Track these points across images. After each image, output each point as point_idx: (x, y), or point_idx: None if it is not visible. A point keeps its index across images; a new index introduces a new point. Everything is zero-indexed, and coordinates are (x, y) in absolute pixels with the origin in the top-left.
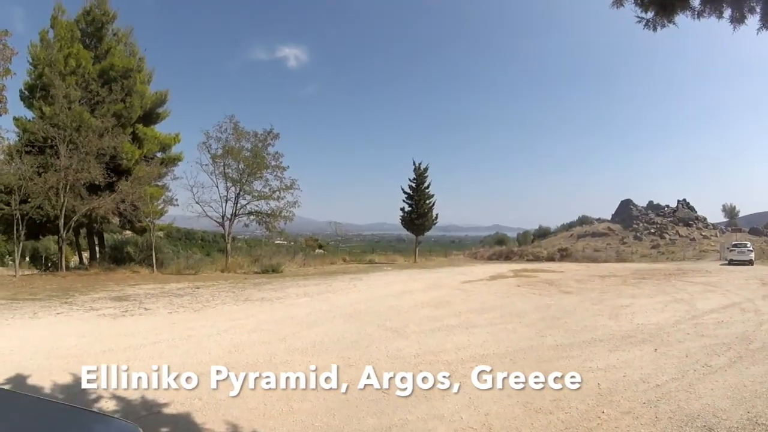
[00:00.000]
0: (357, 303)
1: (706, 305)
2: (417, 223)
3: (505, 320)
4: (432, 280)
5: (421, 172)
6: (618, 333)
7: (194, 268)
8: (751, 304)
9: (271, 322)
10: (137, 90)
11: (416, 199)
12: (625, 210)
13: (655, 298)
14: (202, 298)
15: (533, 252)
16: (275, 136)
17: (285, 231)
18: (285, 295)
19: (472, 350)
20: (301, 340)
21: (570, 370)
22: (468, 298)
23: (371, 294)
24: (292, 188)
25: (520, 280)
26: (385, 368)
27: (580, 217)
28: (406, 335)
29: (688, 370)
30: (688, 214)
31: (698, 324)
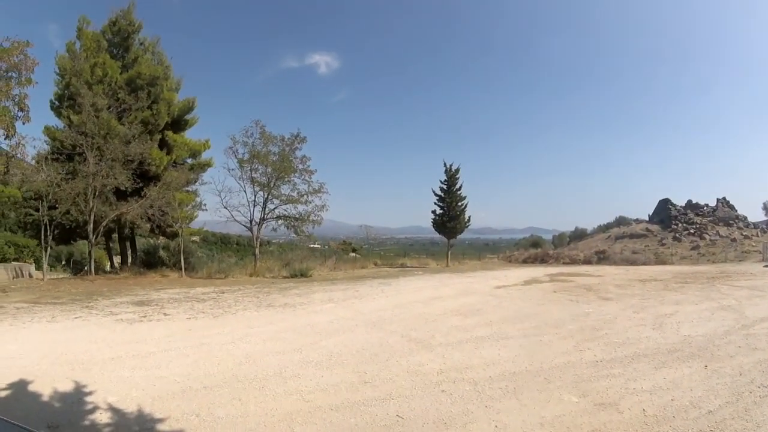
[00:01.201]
0: (382, 310)
1: (756, 313)
2: (449, 226)
3: (540, 331)
4: (464, 285)
5: (452, 174)
6: (663, 346)
7: (224, 272)
8: None
9: (290, 330)
10: (164, 97)
11: (448, 202)
12: (663, 210)
13: (701, 304)
14: (224, 303)
15: (569, 255)
16: (302, 139)
17: (313, 235)
18: (309, 301)
19: (502, 366)
20: (318, 351)
21: (612, 391)
22: (500, 305)
23: (399, 300)
24: (320, 192)
25: (556, 285)
26: (404, 386)
27: (617, 217)
28: (431, 347)
29: (743, 391)
30: (729, 213)
31: (749, 335)
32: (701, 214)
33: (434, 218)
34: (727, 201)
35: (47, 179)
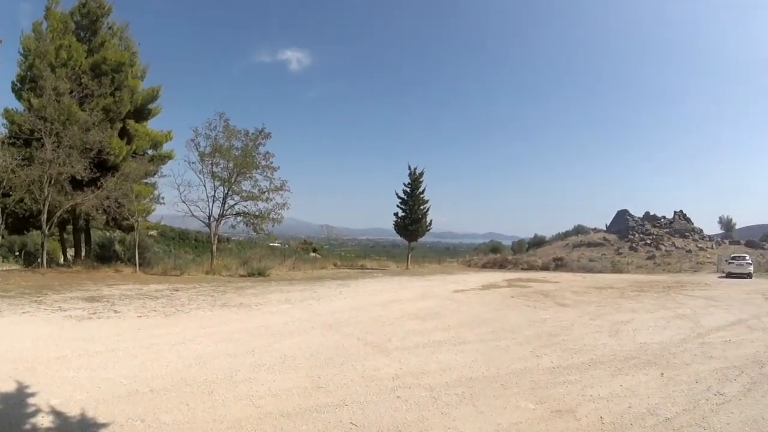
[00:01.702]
0: (340, 312)
1: (711, 322)
2: (410, 229)
3: (498, 336)
4: (423, 288)
5: (416, 177)
6: (620, 353)
7: (180, 269)
8: (758, 321)
9: (244, 331)
10: (128, 84)
11: (410, 204)
12: (621, 220)
13: (656, 313)
14: (177, 301)
15: (528, 261)
16: (266, 135)
17: (273, 233)
18: (265, 302)
19: (459, 372)
20: (271, 354)
21: (569, 398)
22: (458, 309)
23: (356, 302)
24: (281, 189)
25: (514, 290)
26: (358, 392)
27: (576, 226)
28: (387, 351)
29: (699, 399)
30: (685, 225)
31: (705, 343)
32: (658, 226)
33: (396, 220)
34: (684, 214)
35: (2, 164)
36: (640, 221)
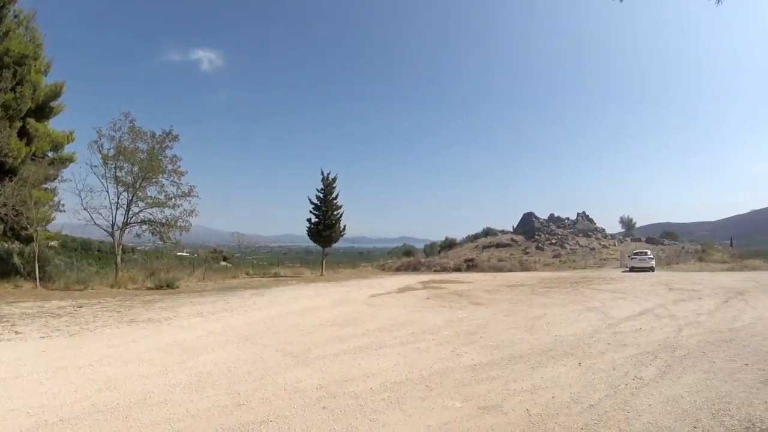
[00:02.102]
0: (255, 323)
1: (620, 313)
2: (324, 235)
3: (417, 338)
4: (339, 294)
5: (329, 183)
6: (537, 347)
7: (84, 282)
8: (665, 310)
9: (155, 349)
10: (30, 79)
11: (324, 210)
12: (527, 222)
13: (568, 307)
14: (82, 319)
15: (440, 263)
16: (174, 137)
17: (181, 242)
18: (175, 315)
19: (383, 377)
20: (186, 371)
21: (494, 394)
22: (377, 313)
23: (272, 312)
24: (189, 195)
25: (429, 292)
26: (282, 406)
27: (485, 228)
28: (308, 361)
29: (619, 384)
30: (588, 225)
31: (617, 333)
32: (562, 226)
33: (309, 227)
34: (587, 215)
35: None
36: (546, 222)
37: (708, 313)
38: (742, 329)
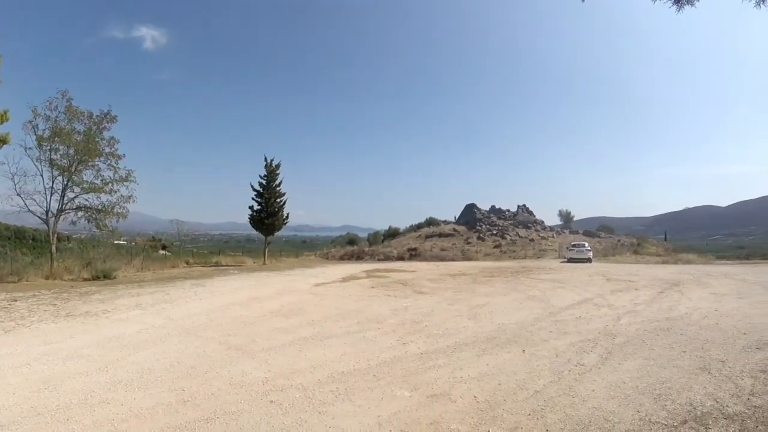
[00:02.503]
0: (197, 315)
1: (561, 302)
2: (267, 223)
3: (363, 327)
4: (283, 283)
5: (272, 169)
6: (481, 335)
7: (18, 273)
8: (603, 300)
9: (94, 344)
10: None
11: (266, 197)
12: (469, 213)
13: (509, 296)
14: (17, 313)
15: (384, 252)
16: (112, 118)
17: (118, 230)
18: (114, 308)
19: (330, 367)
20: (128, 368)
21: (441, 382)
22: (321, 303)
23: (214, 303)
24: (127, 180)
25: (373, 281)
26: (229, 401)
27: (428, 218)
28: (253, 354)
29: (562, 371)
30: (528, 217)
31: (558, 321)
32: (503, 218)
33: (251, 214)
34: (527, 207)
35: None
36: (487, 214)
37: (645, 303)
38: (679, 319)
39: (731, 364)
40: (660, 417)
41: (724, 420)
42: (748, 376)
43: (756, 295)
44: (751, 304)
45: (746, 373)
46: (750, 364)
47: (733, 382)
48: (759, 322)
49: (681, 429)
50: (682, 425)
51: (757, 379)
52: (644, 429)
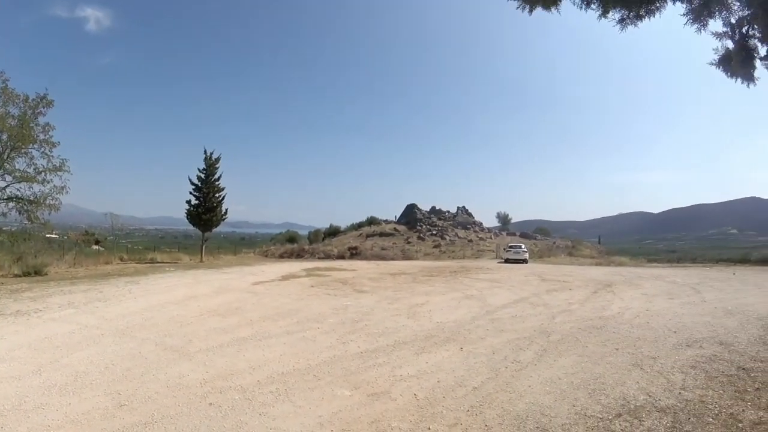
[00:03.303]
0: (132, 314)
1: (497, 301)
2: (204, 218)
3: (303, 327)
4: (220, 282)
5: (212, 163)
6: (420, 333)
7: None
8: (538, 299)
9: (25, 346)
10: None
11: (205, 192)
12: (410, 213)
13: (448, 295)
14: None
15: (324, 250)
16: (48, 103)
17: (50, 222)
18: (45, 307)
19: (270, 368)
20: (61, 371)
21: (381, 380)
22: (260, 302)
23: (149, 302)
24: (61, 170)
25: (313, 279)
26: (166, 405)
27: (369, 217)
28: (190, 355)
29: (499, 368)
30: (467, 219)
31: (495, 319)
32: (443, 219)
33: (189, 209)
34: (466, 209)
35: None
36: (428, 214)
37: (579, 303)
38: (611, 318)
39: (662, 360)
40: (595, 411)
41: (657, 413)
42: (679, 372)
43: (685, 296)
44: (680, 305)
45: (677, 369)
46: (680, 360)
47: (664, 378)
48: (688, 321)
49: (615, 422)
50: (617, 418)
51: (687, 375)
52: (579, 423)
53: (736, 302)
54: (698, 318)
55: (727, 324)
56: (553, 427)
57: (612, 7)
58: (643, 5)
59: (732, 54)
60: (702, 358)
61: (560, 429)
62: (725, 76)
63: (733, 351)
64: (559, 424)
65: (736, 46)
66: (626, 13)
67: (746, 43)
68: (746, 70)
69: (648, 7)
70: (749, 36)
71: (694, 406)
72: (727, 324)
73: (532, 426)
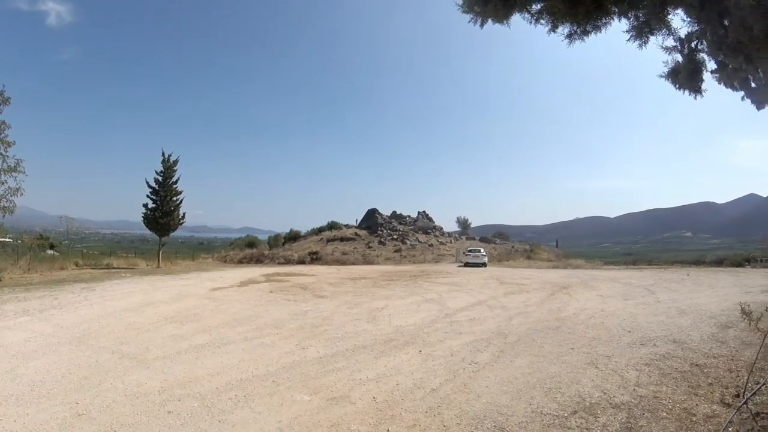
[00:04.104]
0: (88, 322)
1: (456, 304)
2: (161, 222)
3: (262, 333)
4: (178, 288)
5: (169, 165)
6: (380, 337)
7: None
8: (496, 302)
9: None
10: None
11: (162, 195)
12: (371, 218)
13: (407, 299)
14: None
15: (284, 255)
16: (5, 100)
17: (4, 225)
18: None
19: (229, 375)
20: (17, 380)
21: (341, 384)
22: (218, 308)
23: (106, 309)
24: (15, 171)
25: (273, 285)
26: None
27: (329, 222)
28: (147, 363)
29: (457, 369)
30: (427, 223)
31: (453, 322)
32: (404, 223)
33: (146, 213)
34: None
35: None
36: (388, 219)
37: (536, 305)
38: (567, 319)
39: (617, 359)
40: (551, 409)
41: (612, 409)
42: (633, 369)
43: (639, 297)
44: (635, 305)
45: (631, 367)
46: (635, 358)
47: (619, 375)
48: (642, 321)
49: (571, 419)
50: (572, 416)
51: (641, 372)
52: (536, 420)
53: (690, 302)
54: (652, 318)
55: (680, 323)
56: (510, 426)
57: (560, 23)
58: (590, 21)
59: (680, 67)
60: (656, 355)
61: (517, 427)
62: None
63: (687, 348)
64: (515, 423)
65: (684, 59)
66: (574, 29)
67: (694, 57)
68: (694, 83)
69: (594, 23)
70: (698, 50)
71: (649, 402)
72: (681, 323)
73: (490, 425)
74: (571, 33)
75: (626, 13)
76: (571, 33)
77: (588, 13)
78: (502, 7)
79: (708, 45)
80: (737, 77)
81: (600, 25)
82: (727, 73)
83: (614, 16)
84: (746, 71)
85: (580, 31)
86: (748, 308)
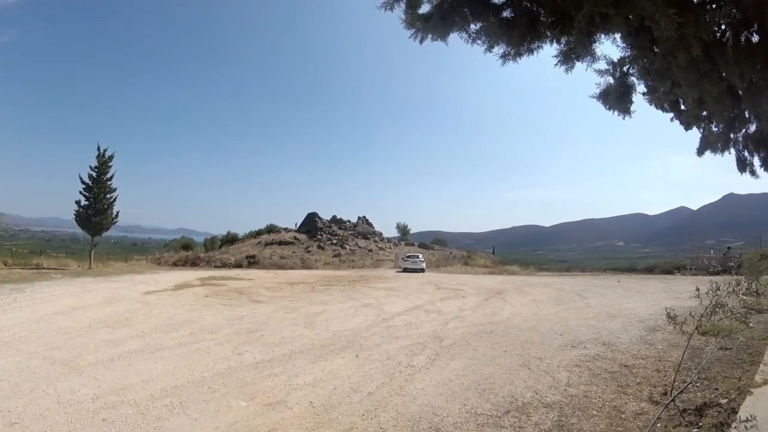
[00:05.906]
0: (17, 325)
1: (393, 309)
2: (94, 221)
3: (197, 338)
4: (110, 291)
5: (104, 161)
6: (317, 342)
7: None
8: (433, 306)
9: None
10: None
11: (96, 192)
12: (310, 222)
13: (345, 303)
14: None
15: (221, 258)
16: None
17: None
18: None
19: (163, 381)
20: None
21: (277, 390)
22: (152, 312)
23: (35, 312)
24: None
25: (208, 289)
26: (58, 422)
27: (268, 225)
28: (80, 369)
29: (394, 372)
30: (367, 228)
31: (390, 327)
32: (344, 228)
33: (78, 210)
34: (367, 219)
35: None
36: (328, 223)
37: (471, 309)
38: (501, 322)
39: (549, 360)
40: (485, 409)
41: (543, 408)
42: (564, 370)
43: (571, 302)
44: (567, 310)
45: (562, 368)
46: (566, 360)
47: (551, 376)
48: (573, 325)
49: (504, 418)
50: (506, 415)
51: (572, 373)
52: (470, 420)
53: (620, 307)
54: (583, 321)
55: (610, 326)
56: (446, 426)
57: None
58: (524, 44)
59: (611, 89)
60: (586, 357)
61: (452, 427)
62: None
63: (616, 350)
64: (451, 423)
65: (616, 82)
66: (508, 50)
67: (625, 80)
68: (623, 105)
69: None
70: (629, 74)
71: (579, 401)
72: (610, 326)
73: (426, 426)
74: (506, 54)
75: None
76: (506, 54)
77: (522, 36)
78: (441, 25)
79: (638, 70)
80: (667, 99)
81: (533, 48)
82: (658, 96)
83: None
84: (676, 94)
85: (514, 52)
86: (674, 312)
